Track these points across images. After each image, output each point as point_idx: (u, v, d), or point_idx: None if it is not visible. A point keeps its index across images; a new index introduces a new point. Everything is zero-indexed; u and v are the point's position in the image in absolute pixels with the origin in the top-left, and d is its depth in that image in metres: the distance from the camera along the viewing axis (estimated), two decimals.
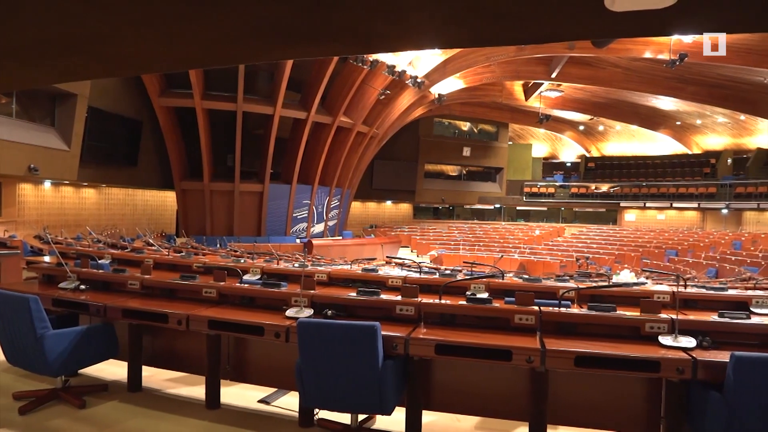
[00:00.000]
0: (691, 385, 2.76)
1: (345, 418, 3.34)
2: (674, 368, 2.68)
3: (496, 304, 3.54)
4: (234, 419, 3.50)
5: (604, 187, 28.09)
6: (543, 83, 22.96)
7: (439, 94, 20.86)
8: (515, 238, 23.86)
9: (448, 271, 6.93)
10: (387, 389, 2.90)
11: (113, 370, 4.26)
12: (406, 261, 7.12)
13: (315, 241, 18.10)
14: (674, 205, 25.30)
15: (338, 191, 21.51)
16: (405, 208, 30.02)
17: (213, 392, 3.69)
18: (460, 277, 5.48)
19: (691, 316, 3.44)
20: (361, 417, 3.35)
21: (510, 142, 30.72)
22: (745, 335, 3.09)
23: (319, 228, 20.95)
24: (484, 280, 4.66)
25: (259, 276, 5.42)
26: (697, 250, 18.60)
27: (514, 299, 3.56)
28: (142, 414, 3.55)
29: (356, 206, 27.14)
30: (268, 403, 3.84)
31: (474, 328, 3.32)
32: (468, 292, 4.30)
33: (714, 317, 3.22)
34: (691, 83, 20.13)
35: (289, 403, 3.79)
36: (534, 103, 25.11)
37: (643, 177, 28.06)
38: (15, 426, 3.29)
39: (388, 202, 29.26)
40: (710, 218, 24.95)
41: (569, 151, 33.67)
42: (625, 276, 11.00)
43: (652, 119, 26.16)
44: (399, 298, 3.67)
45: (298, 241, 18.92)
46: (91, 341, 3.72)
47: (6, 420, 3.36)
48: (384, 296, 3.74)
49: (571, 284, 5.13)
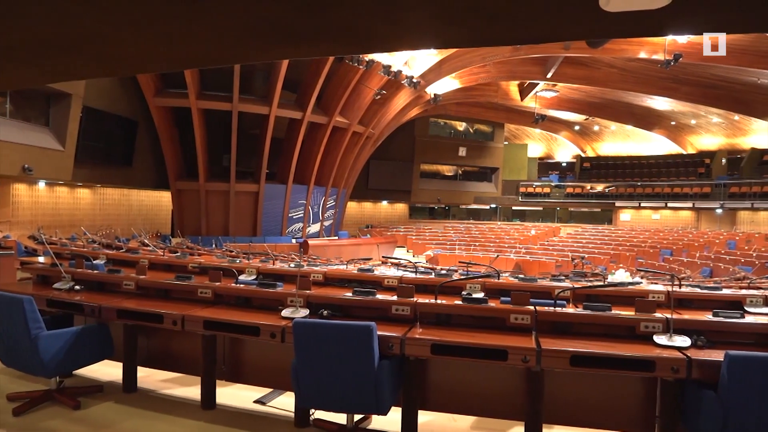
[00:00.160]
0: (686, 384, 2.77)
1: (341, 418, 3.34)
2: (669, 367, 2.69)
3: (492, 303, 3.54)
4: (229, 420, 3.49)
5: (600, 187, 28.18)
6: (538, 83, 23.02)
7: (434, 94, 20.88)
8: (511, 238, 23.90)
9: (443, 271, 6.93)
10: (383, 389, 2.90)
11: (108, 370, 4.24)
12: (402, 261, 7.13)
13: (311, 241, 18.08)
14: (669, 204, 25.41)
15: (334, 191, 21.50)
16: (401, 208, 30.02)
17: (208, 393, 3.68)
18: (455, 277, 5.48)
19: (686, 315, 3.46)
20: (357, 417, 3.35)
21: (506, 142, 30.78)
22: (740, 334, 3.10)
23: (314, 228, 20.93)
24: (480, 280, 4.66)
25: (254, 276, 5.40)
26: (692, 250, 18.69)
27: (509, 299, 3.57)
28: (137, 415, 3.54)
29: (352, 206, 27.13)
30: (263, 403, 3.84)
31: (470, 328, 3.32)
32: (464, 292, 4.30)
33: (708, 316, 3.24)
34: (685, 83, 20.22)
35: (285, 403, 3.79)
36: (529, 103, 25.17)
37: (638, 177, 28.17)
38: (9, 427, 3.27)
39: (384, 202, 29.26)
40: (705, 218, 25.06)
41: (565, 151, 33.76)
42: (621, 276, 11.04)
43: (647, 119, 26.26)
44: (395, 298, 3.67)
45: (293, 241, 18.90)
46: (85, 342, 3.70)
47: (0, 421, 3.34)
48: (380, 296, 3.73)
49: (567, 284, 5.14)
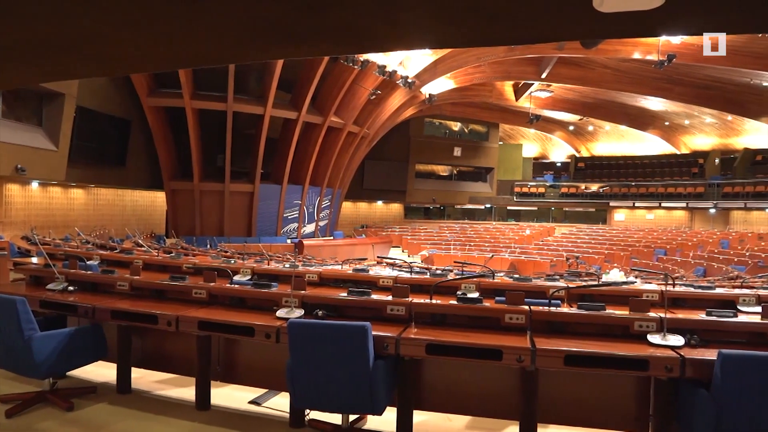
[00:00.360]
0: (679, 383, 2.79)
1: (336, 418, 3.33)
2: (663, 366, 2.70)
3: (487, 303, 3.54)
4: (224, 420, 3.48)
5: (594, 187, 28.28)
6: (533, 84, 23.07)
7: (429, 95, 20.89)
8: (506, 237, 23.95)
9: (439, 271, 6.94)
10: (378, 389, 2.90)
11: (102, 371, 4.22)
12: (397, 261, 7.13)
13: (306, 242, 18.05)
14: (663, 204, 25.54)
15: (329, 191, 21.47)
16: (396, 208, 30.03)
17: (203, 393, 3.67)
18: (450, 276, 5.48)
19: (680, 314, 3.47)
20: (352, 417, 3.35)
21: (500, 142, 30.83)
22: (733, 333, 3.12)
23: (310, 228, 20.90)
24: (475, 279, 4.67)
25: (249, 276, 5.39)
26: (686, 250, 18.78)
27: (504, 299, 3.57)
28: (131, 416, 3.52)
29: (347, 206, 27.11)
30: (258, 404, 3.83)
31: (465, 327, 3.33)
32: (459, 292, 4.30)
33: (702, 316, 3.25)
34: (678, 84, 20.32)
35: (280, 403, 3.78)
36: (524, 103, 25.22)
37: (632, 177, 28.28)
38: (1, 429, 3.25)
39: (379, 203, 29.25)
40: (698, 218, 25.20)
41: (559, 151, 33.85)
42: (615, 275, 11.10)
43: (641, 119, 26.37)
44: (390, 298, 3.67)
45: (288, 241, 18.87)
46: (79, 343, 3.68)
47: None
48: (375, 296, 3.73)
49: (561, 283, 5.16)
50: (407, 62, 17.73)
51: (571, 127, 30.56)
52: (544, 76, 20.74)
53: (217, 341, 3.80)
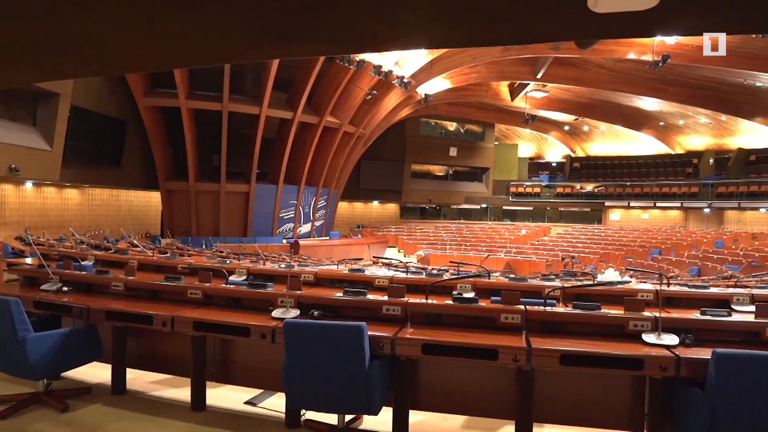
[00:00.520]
0: (674, 382, 2.79)
1: (332, 418, 3.33)
2: (657, 365, 2.71)
3: (483, 303, 3.55)
4: (220, 421, 3.47)
5: (589, 187, 28.37)
6: (528, 84, 23.13)
7: (425, 94, 20.90)
8: (501, 237, 23.99)
9: (434, 271, 6.94)
10: (374, 389, 2.89)
11: (97, 372, 4.20)
12: (392, 261, 7.13)
13: (302, 242, 18.04)
14: (658, 204, 25.65)
15: (325, 191, 21.46)
16: (392, 208, 30.03)
17: (198, 394, 3.66)
18: (446, 276, 5.49)
19: (674, 314, 3.49)
20: (348, 417, 3.35)
21: (496, 142, 30.89)
22: (727, 332, 3.13)
23: (305, 228, 20.88)
24: (471, 279, 4.68)
25: (245, 277, 5.38)
26: (680, 249, 18.87)
27: (500, 299, 3.58)
28: (126, 417, 3.51)
29: (343, 206, 27.10)
30: (254, 404, 3.82)
31: (460, 327, 3.33)
32: (454, 292, 4.31)
33: (696, 315, 3.27)
34: (673, 84, 20.41)
35: (276, 404, 3.77)
36: (520, 103, 25.28)
37: (627, 177, 28.38)
38: None
39: (375, 203, 29.25)
40: (693, 217, 25.31)
41: (555, 151, 33.94)
42: (610, 275, 11.14)
43: (636, 119, 26.47)
44: (386, 298, 3.67)
45: (284, 241, 18.84)
46: (73, 344, 3.66)
47: None
48: (371, 296, 3.73)
49: (557, 283, 5.17)
50: (403, 62, 17.73)
51: (567, 127, 30.65)
52: (539, 76, 20.79)
53: (212, 341, 3.79)
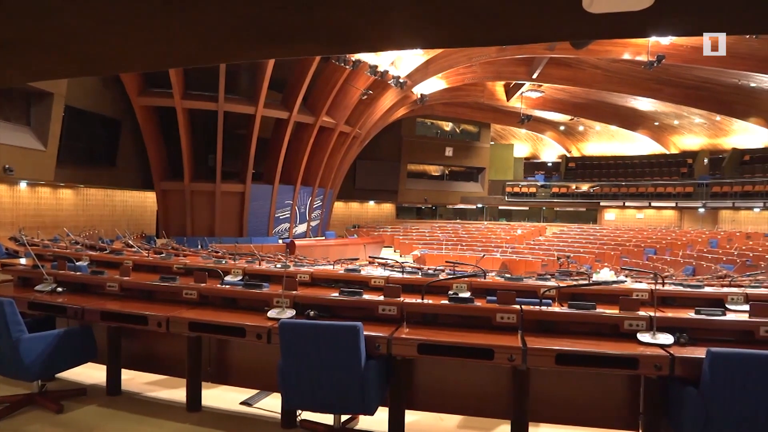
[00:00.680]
0: (669, 381, 2.81)
1: (328, 418, 3.33)
2: (652, 365, 2.71)
3: (478, 303, 3.55)
4: (216, 422, 3.46)
5: (585, 187, 28.45)
6: (524, 84, 23.17)
7: (421, 95, 20.92)
8: (497, 237, 24.03)
9: (430, 271, 6.94)
10: (370, 389, 2.89)
11: (92, 373, 4.18)
12: (389, 261, 7.11)
13: (297, 242, 18.01)
14: (653, 204, 25.75)
15: (321, 191, 21.44)
16: (388, 208, 30.03)
17: (194, 395, 3.65)
18: (442, 276, 5.49)
19: (669, 313, 3.50)
20: (344, 417, 3.34)
21: (492, 142, 30.93)
22: (721, 331, 3.15)
23: (301, 228, 20.86)
24: (467, 279, 4.68)
25: (240, 277, 5.36)
26: (675, 249, 18.94)
27: (496, 298, 3.58)
28: (121, 418, 3.50)
29: (339, 206, 27.08)
30: (250, 405, 3.81)
31: (456, 327, 3.33)
32: (450, 292, 4.31)
33: (691, 314, 3.28)
34: (668, 84, 20.49)
35: (272, 404, 3.76)
36: (515, 103, 25.32)
37: (622, 177, 28.47)
38: None
39: (371, 203, 29.24)
40: (687, 217, 25.42)
41: (550, 151, 34.01)
42: (605, 274, 11.17)
43: (631, 120, 26.56)
44: (382, 298, 3.67)
45: (280, 241, 18.81)
46: (68, 344, 3.64)
47: None
48: (367, 296, 3.73)
49: (552, 283, 5.18)
50: (399, 62, 17.74)
51: (562, 127, 30.71)
52: (535, 76, 20.83)
53: (207, 342, 3.78)
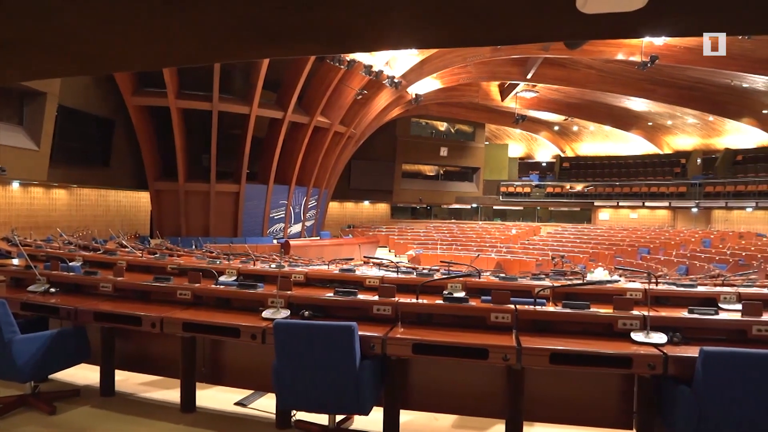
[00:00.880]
0: (662, 380, 2.82)
1: (322, 419, 3.33)
2: (646, 364, 2.73)
3: (473, 303, 3.56)
4: (210, 422, 3.45)
5: (579, 187, 28.55)
6: (518, 84, 23.22)
7: (416, 95, 20.93)
8: (492, 237, 24.08)
9: (425, 271, 6.94)
10: (364, 389, 2.89)
11: (85, 374, 4.16)
12: (383, 261, 7.13)
13: (292, 242, 17.99)
14: (646, 204, 25.89)
15: (315, 191, 21.41)
16: (383, 208, 30.03)
17: (188, 395, 3.64)
18: (437, 276, 5.49)
19: (663, 312, 3.51)
20: (338, 417, 3.34)
21: (486, 142, 31.00)
22: (714, 330, 3.16)
23: (296, 228, 20.83)
24: (461, 279, 4.68)
25: (235, 277, 5.35)
26: (669, 248, 19.04)
27: (490, 298, 3.59)
28: (115, 419, 3.48)
29: (334, 206, 27.06)
30: (244, 405, 3.81)
31: (451, 327, 3.34)
32: (445, 292, 4.31)
33: (684, 314, 3.29)
34: (661, 85, 20.59)
35: (266, 405, 3.76)
36: (510, 103, 25.39)
37: (616, 177, 28.60)
38: None
39: (366, 202, 29.24)
40: (681, 217, 25.56)
41: (544, 151, 34.12)
42: (599, 274, 11.20)
43: (625, 120, 26.68)
44: (376, 298, 3.67)
45: (275, 241, 18.77)
46: (61, 345, 3.62)
47: None
48: (361, 296, 3.73)
49: (547, 282, 5.19)
50: (393, 62, 17.74)
51: (556, 128, 30.82)
52: (529, 76, 20.88)
53: (202, 342, 3.77)
